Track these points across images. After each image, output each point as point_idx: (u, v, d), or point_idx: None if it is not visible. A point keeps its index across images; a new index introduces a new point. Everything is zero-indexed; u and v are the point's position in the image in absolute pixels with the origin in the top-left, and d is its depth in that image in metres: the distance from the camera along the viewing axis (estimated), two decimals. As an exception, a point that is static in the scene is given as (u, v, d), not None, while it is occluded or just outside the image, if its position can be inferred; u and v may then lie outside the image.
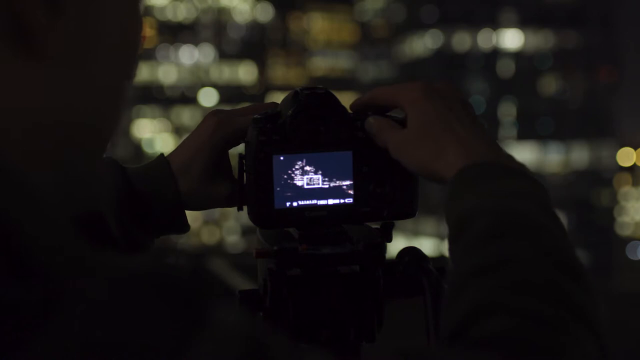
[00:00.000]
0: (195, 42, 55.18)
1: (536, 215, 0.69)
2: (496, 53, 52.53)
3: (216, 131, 0.89)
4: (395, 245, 0.90)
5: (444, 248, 0.72)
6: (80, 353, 0.37)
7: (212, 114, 0.90)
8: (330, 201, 0.85)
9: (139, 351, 0.38)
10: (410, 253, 0.87)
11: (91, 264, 0.40)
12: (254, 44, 56.29)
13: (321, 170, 0.85)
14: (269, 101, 0.92)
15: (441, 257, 0.76)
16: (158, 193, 0.88)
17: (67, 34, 0.45)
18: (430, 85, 0.80)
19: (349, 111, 0.86)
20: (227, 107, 0.94)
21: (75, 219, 0.44)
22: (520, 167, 0.75)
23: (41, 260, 0.39)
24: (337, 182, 0.85)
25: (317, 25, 57.72)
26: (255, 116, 0.85)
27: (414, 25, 51.47)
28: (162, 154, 0.91)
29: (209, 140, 0.89)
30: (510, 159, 0.76)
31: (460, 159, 0.74)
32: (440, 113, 0.77)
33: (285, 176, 0.84)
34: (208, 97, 54.78)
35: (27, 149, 0.44)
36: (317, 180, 0.85)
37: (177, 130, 52.49)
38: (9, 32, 0.43)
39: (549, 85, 53.22)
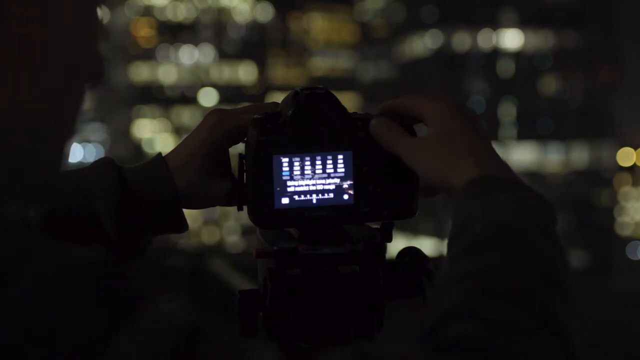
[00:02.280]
0: (195, 42, 55.19)
1: (533, 230, 0.70)
2: (496, 53, 52.53)
3: (216, 129, 0.89)
4: (395, 245, 0.90)
5: (444, 248, 0.74)
6: (8, 345, 0.37)
7: (212, 113, 0.90)
8: (330, 201, 0.85)
9: (67, 339, 0.38)
10: (410, 253, 0.87)
11: (34, 254, 0.41)
12: (254, 44, 56.30)
13: (321, 170, 0.85)
14: (269, 101, 0.92)
15: (441, 257, 0.77)
16: (154, 191, 0.88)
17: (9, 37, 0.46)
18: (452, 100, 0.83)
19: (349, 111, 0.86)
20: (227, 107, 0.94)
21: (36, 206, 0.46)
22: (527, 185, 0.77)
23: None
24: (337, 182, 0.85)
25: (317, 25, 57.72)
26: (255, 116, 0.85)
27: (414, 25, 51.47)
28: (159, 153, 0.91)
29: (208, 138, 0.89)
30: (518, 177, 0.78)
31: (473, 170, 0.76)
32: (459, 126, 0.79)
33: (285, 176, 0.84)
34: (208, 97, 54.79)
35: None
36: (317, 181, 0.85)
37: (177, 130, 52.50)
38: None
39: (549, 85, 53.21)
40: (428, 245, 38.77)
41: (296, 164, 0.84)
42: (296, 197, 0.84)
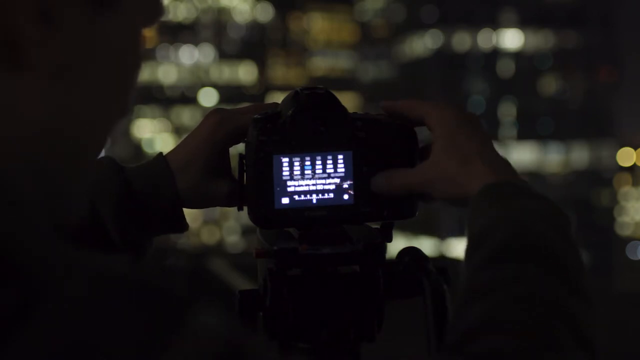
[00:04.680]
0: (195, 42, 55.18)
1: (554, 237, 0.71)
2: (496, 53, 52.50)
3: (217, 129, 0.88)
4: (395, 245, 0.90)
5: (444, 248, 0.75)
6: (54, 356, 0.37)
7: (213, 113, 0.90)
8: (330, 201, 0.85)
9: (112, 354, 0.38)
10: (410, 253, 0.87)
11: (70, 266, 0.40)
12: (254, 44, 56.28)
13: (321, 170, 0.85)
14: (269, 101, 0.92)
15: (441, 257, 0.77)
16: (155, 191, 0.88)
17: (59, 50, 0.45)
18: (457, 107, 0.83)
19: (349, 111, 0.86)
20: (227, 107, 0.94)
21: (65, 220, 0.47)
22: (537, 191, 0.77)
23: (21, 262, 0.39)
24: (337, 182, 0.85)
25: (317, 25, 57.71)
26: (255, 116, 0.85)
27: (414, 25, 51.45)
28: (160, 153, 0.91)
29: (210, 138, 0.88)
30: (525, 181, 0.79)
31: (486, 176, 0.77)
32: (464, 131, 0.80)
33: (286, 176, 0.84)
34: (208, 97, 54.78)
35: (8, 156, 0.45)
36: (317, 180, 0.85)
37: (177, 130, 52.49)
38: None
39: (549, 85, 53.19)
40: (428, 245, 38.74)
41: (296, 164, 0.84)
42: (296, 197, 0.84)
